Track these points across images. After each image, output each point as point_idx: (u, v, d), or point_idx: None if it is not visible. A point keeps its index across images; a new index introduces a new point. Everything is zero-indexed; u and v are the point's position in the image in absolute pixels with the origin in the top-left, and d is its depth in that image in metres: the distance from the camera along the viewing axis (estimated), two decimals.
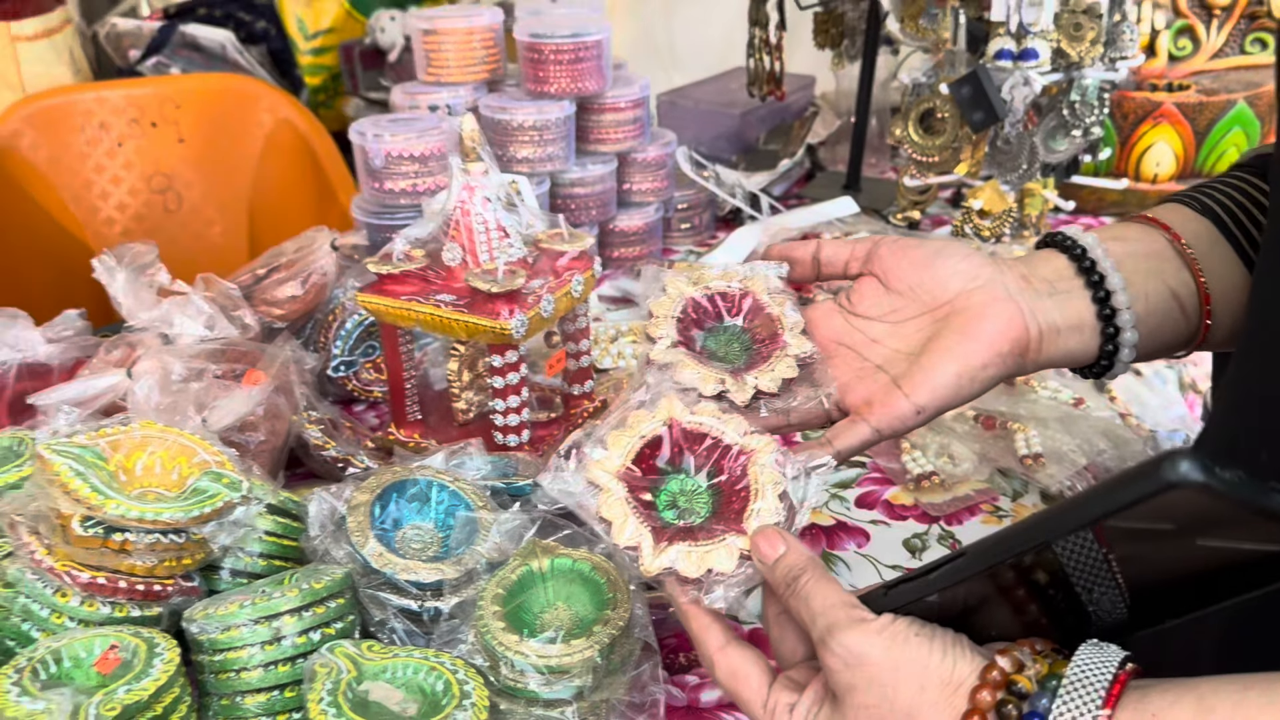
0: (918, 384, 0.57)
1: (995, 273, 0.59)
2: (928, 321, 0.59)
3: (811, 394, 0.60)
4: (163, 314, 0.82)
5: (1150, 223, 0.62)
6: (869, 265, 0.62)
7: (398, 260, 0.80)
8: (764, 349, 0.62)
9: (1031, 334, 0.57)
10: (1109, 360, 0.60)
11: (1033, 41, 1.05)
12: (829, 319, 0.63)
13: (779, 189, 1.45)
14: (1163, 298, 0.59)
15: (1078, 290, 0.59)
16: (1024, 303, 0.58)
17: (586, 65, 1.14)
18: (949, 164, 1.15)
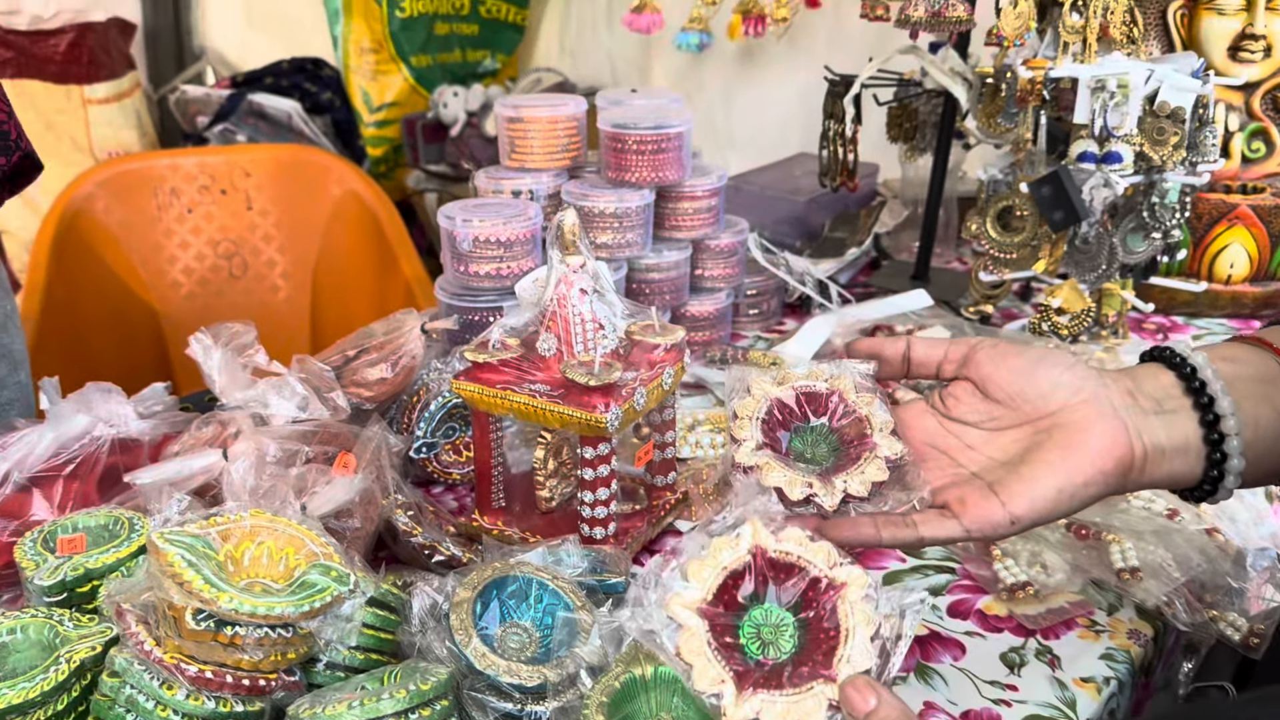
0: (1016, 494, 0.56)
1: (1100, 387, 0.58)
2: (1028, 432, 0.59)
3: (903, 498, 0.59)
4: (258, 394, 0.83)
5: (1261, 345, 0.62)
6: (965, 370, 0.62)
7: (494, 349, 0.81)
8: (853, 450, 0.62)
9: (1136, 453, 0.57)
10: (1213, 485, 0.59)
11: (1116, 145, 1.06)
12: (921, 420, 0.63)
13: (845, 276, 1.46)
14: (1273, 425, 0.58)
15: (1185, 411, 0.58)
16: (1129, 420, 0.57)
17: (667, 156, 1.15)
18: (1027, 261, 1.15)
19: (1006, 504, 0.56)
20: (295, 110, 2.52)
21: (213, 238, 1.93)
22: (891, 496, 0.60)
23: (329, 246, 1.97)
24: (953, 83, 1.19)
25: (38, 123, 2.90)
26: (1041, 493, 0.56)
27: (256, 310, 1.98)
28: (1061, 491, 0.56)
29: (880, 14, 1.17)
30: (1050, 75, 1.09)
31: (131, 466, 0.82)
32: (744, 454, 0.60)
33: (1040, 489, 0.56)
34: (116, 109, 2.91)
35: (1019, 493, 0.56)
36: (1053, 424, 0.58)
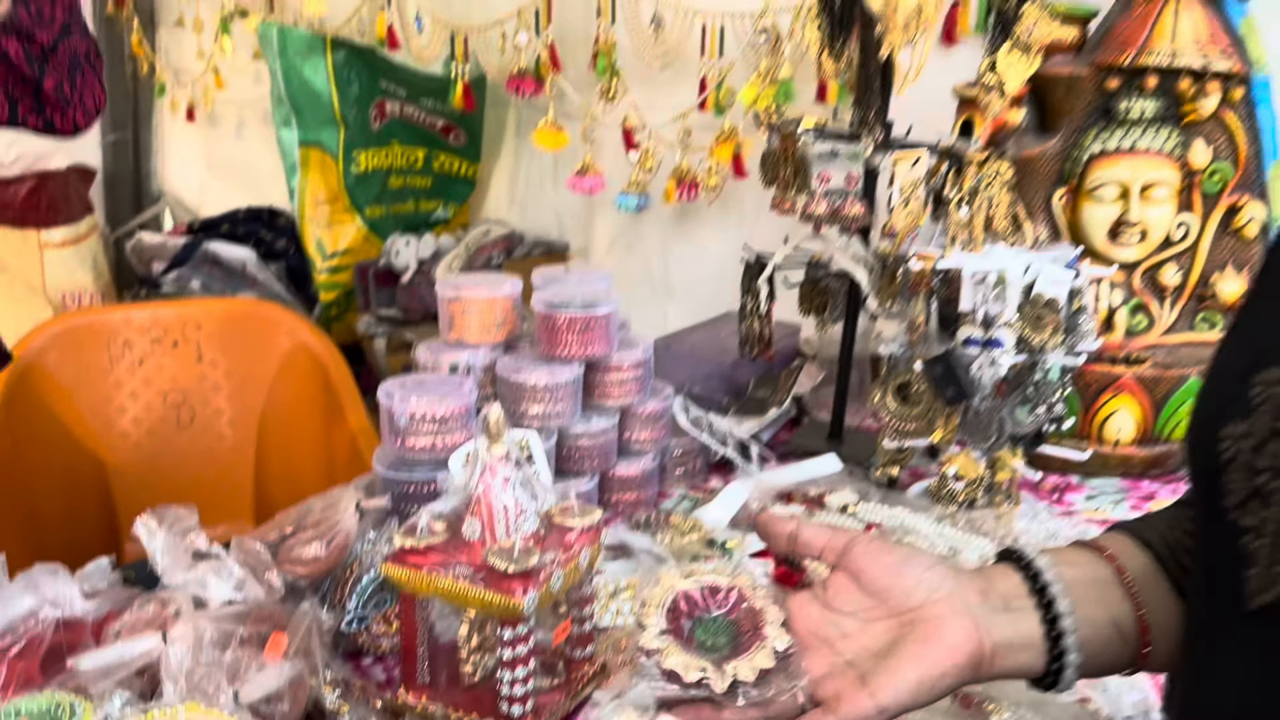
0: (882, 685, 0.63)
1: (956, 586, 0.66)
2: (895, 625, 0.66)
3: (786, 686, 0.66)
4: (198, 576, 0.88)
5: (1099, 552, 0.70)
6: (844, 562, 0.69)
7: (422, 534, 0.87)
8: (746, 640, 0.69)
9: (985, 649, 0.64)
10: (1054, 677, 0.66)
11: (998, 331, 1.17)
12: (806, 609, 0.70)
13: (767, 435, 1.55)
14: (1105, 624, 0.66)
15: (1030, 610, 0.66)
16: (980, 618, 0.64)
17: (596, 333, 1.25)
18: (925, 431, 1.25)
19: (874, 695, 0.63)
20: (249, 259, 2.61)
21: (162, 388, 1.98)
22: (776, 684, 0.66)
23: (276, 396, 2.02)
24: (855, 267, 1.31)
25: None
26: (904, 684, 0.63)
27: (202, 457, 2.02)
28: (921, 683, 0.63)
29: (788, 208, 1.29)
30: (938, 267, 1.20)
31: (75, 644, 0.87)
32: (647, 638, 0.67)
33: (902, 681, 0.63)
34: (73, 252, 2.99)
35: (884, 684, 0.63)
36: (914, 618, 0.65)
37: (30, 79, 1.01)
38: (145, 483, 1.94)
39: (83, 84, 1.07)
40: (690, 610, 0.71)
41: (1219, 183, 1.45)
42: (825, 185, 1.26)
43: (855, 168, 1.25)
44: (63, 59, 1.03)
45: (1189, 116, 1.43)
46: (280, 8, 2.84)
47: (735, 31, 2.05)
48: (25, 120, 1.06)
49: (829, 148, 1.24)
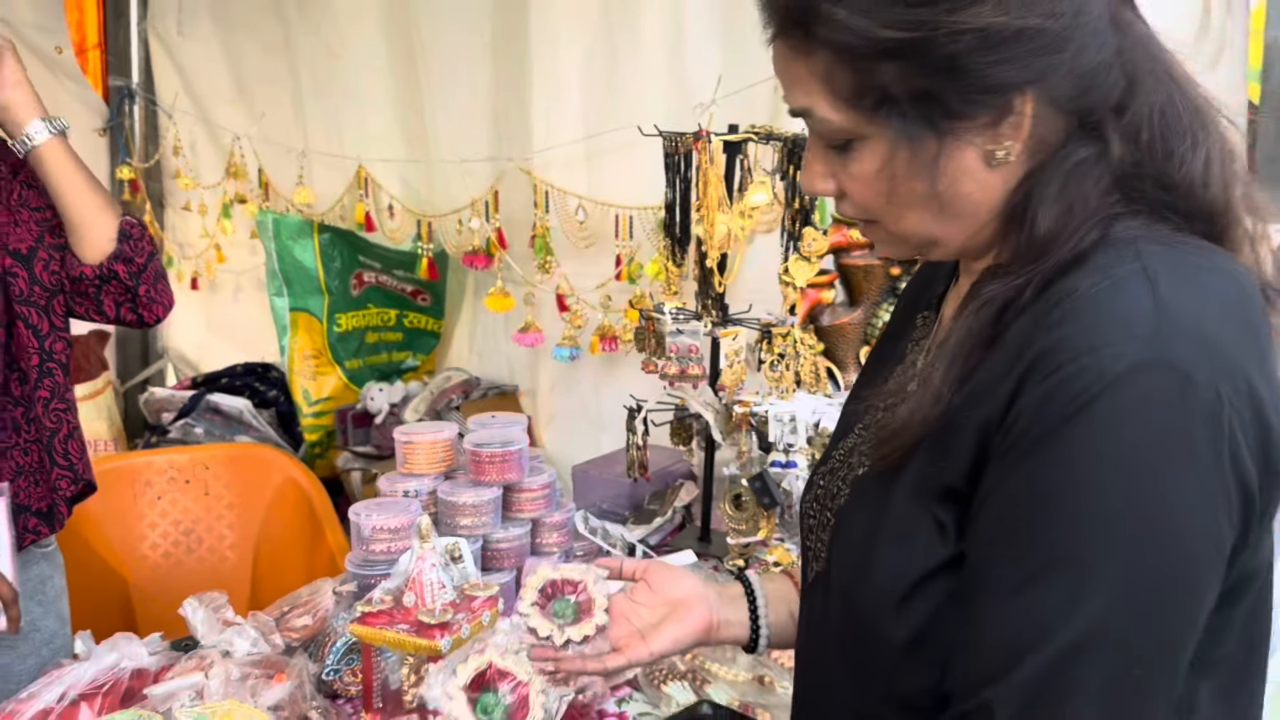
0: (654, 639, 1.04)
1: (703, 588, 1.10)
2: (665, 609, 1.08)
3: (600, 645, 1.09)
4: (226, 638, 1.31)
5: (789, 576, 1.15)
6: (644, 575, 1.13)
7: (376, 603, 1.31)
8: (583, 615, 1.12)
9: (715, 623, 1.06)
10: (754, 645, 1.10)
11: (795, 455, 1.64)
12: (620, 601, 1.13)
13: (656, 538, 1.99)
14: (784, 615, 1.09)
15: (743, 604, 1.10)
16: (714, 605, 1.08)
17: (510, 463, 1.71)
18: (753, 530, 1.70)
19: (649, 644, 1.05)
20: (246, 408, 3.07)
21: (176, 519, 2.41)
22: (593, 644, 1.10)
23: (269, 523, 2.46)
24: (704, 410, 1.79)
25: None
26: (666, 638, 1.04)
27: (208, 575, 2.43)
28: (675, 638, 1.04)
29: (652, 369, 1.77)
30: (754, 410, 1.68)
31: (142, 686, 1.29)
32: (522, 606, 1.10)
33: (665, 637, 1.04)
34: (91, 405, 3.44)
35: (655, 638, 1.05)
36: (677, 604, 1.08)
37: (131, 288, 1.50)
38: (160, 597, 2.35)
39: (162, 289, 1.57)
40: (553, 592, 1.14)
41: None
42: (675, 353, 1.74)
43: (696, 341, 1.74)
44: (149, 275, 1.53)
45: None
46: (274, 195, 3.39)
47: (641, 220, 2.58)
48: (124, 318, 1.55)
49: (675, 326, 1.73)
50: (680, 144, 1.71)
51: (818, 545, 0.90)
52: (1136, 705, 0.65)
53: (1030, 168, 0.74)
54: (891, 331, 1.00)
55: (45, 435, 1.53)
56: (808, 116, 0.75)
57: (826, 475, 0.92)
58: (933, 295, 0.92)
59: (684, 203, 1.74)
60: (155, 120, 3.88)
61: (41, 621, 1.53)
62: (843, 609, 0.82)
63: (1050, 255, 0.71)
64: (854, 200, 0.78)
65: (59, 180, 1.47)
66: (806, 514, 0.95)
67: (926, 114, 0.71)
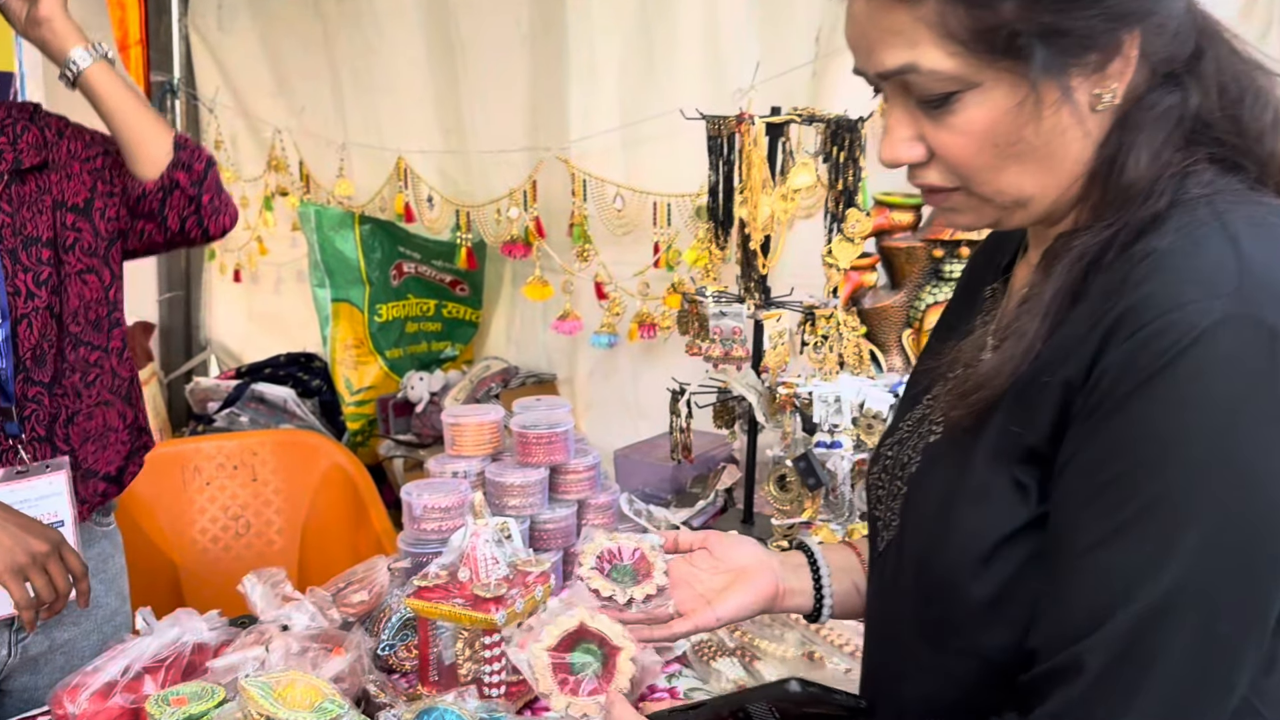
0: (720, 604, 1.06)
1: (767, 556, 1.11)
2: (729, 576, 1.09)
3: (661, 602, 1.10)
4: (286, 612, 1.34)
5: (850, 547, 1.16)
6: (703, 543, 1.14)
7: (432, 578, 1.34)
8: (642, 578, 1.13)
9: (780, 590, 1.07)
10: (818, 613, 1.11)
11: (840, 435, 1.65)
12: (679, 566, 1.15)
13: (698, 521, 2.01)
14: (848, 585, 1.11)
15: (807, 574, 1.11)
16: (779, 573, 1.09)
17: (557, 445, 1.73)
18: (798, 511, 1.71)
19: (714, 609, 1.06)
20: (290, 396, 3.11)
21: (225, 504, 2.46)
22: (655, 602, 1.11)
23: (316, 508, 2.50)
24: (748, 392, 1.80)
25: None
26: (731, 604, 1.06)
27: (255, 560, 2.48)
28: (741, 605, 1.06)
29: (696, 352, 1.79)
30: (798, 392, 1.69)
31: (203, 660, 1.32)
32: (582, 570, 1.12)
33: (731, 603, 1.06)
34: None
35: (721, 604, 1.06)
36: (741, 572, 1.09)
37: (194, 197, 1.54)
38: (210, 580, 2.40)
39: (225, 199, 1.60)
40: (610, 558, 1.16)
41: None
42: (719, 336, 1.76)
43: (739, 323, 1.75)
44: (211, 182, 1.57)
45: None
46: (314, 188, 3.44)
47: (679, 206, 2.59)
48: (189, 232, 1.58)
49: (719, 309, 1.74)
50: (723, 127, 1.72)
51: (888, 514, 0.91)
52: (1224, 658, 0.66)
53: (1118, 117, 0.74)
54: (956, 308, 1.00)
55: (123, 386, 1.57)
56: (903, 74, 0.73)
57: (895, 446, 0.93)
58: (999, 268, 0.92)
59: (727, 186, 1.74)
60: (197, 115, 3.93)
61: (104, 599, 1.57)
62: (918, 573, 0.82)
63: (1136, 206, 0.71)
64: (949, 160, 0.76)
65: (110, 102, 1.51)
66: (874, 485, 0.96)
67: (1048, 53, 0.69)
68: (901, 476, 0.89)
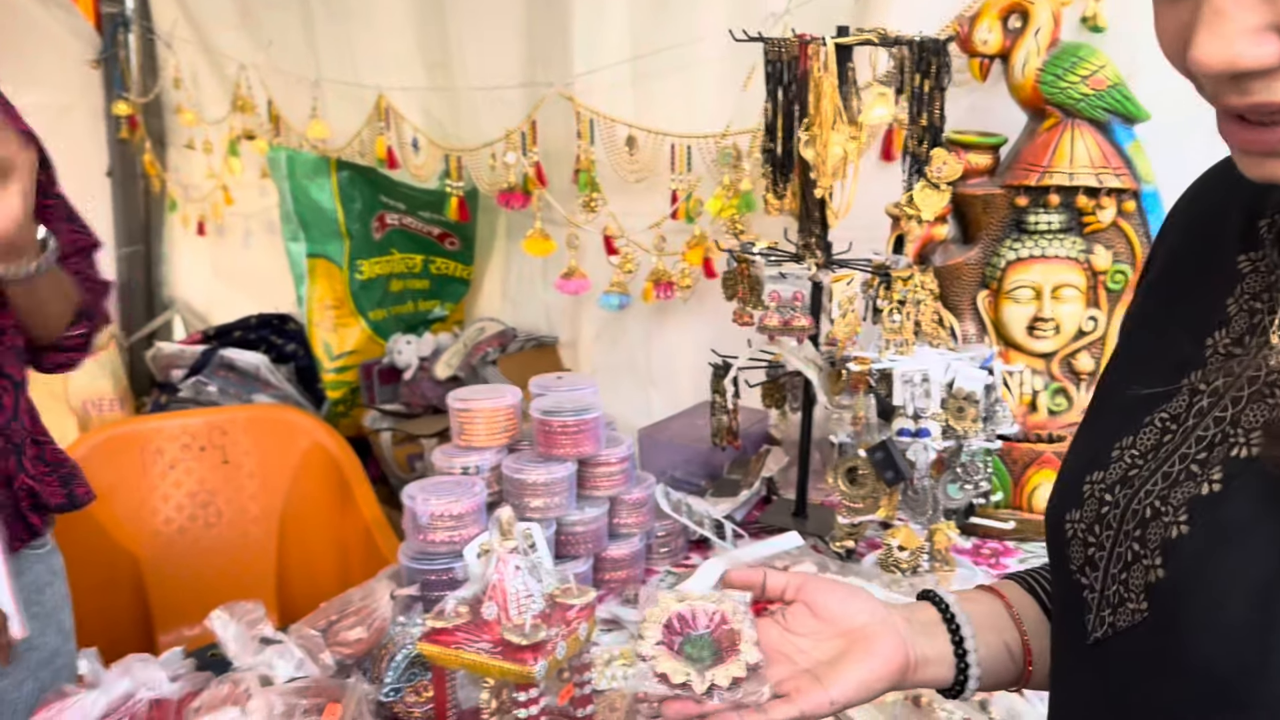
0: (833, 683, 0.80)
1: (888, 614, 0.84)
2: (841, 642, 0.83)
3: (754, 689, 0.84)
4: (266, 658, 1.07)
5: (994, 593, 0.90)
6: (800, 595, 0.87)
7: (449, 617, 1.07)
8: (725, 654, 0.87)
9: (911, 661, 0.82)
10: (960, 687, 0.85)
11: (926, 422, 1.38)
12: (768, 631, 0.88)
13: (740, 514, 1.75)
14: (998, 647, 0.86)
15: (943, 634, 0.85)
16: (907, 638, 0.83)
17: (586, 435, 1.45)
18: (871, 508, 1.45)
19: (828, 690, 0.80)
20: (263, 363, 2.81)
21: (191, 489, 2.17)
22: (744, 689, 0.84)
23: (296, 492, 2.22)
24: (806, 368, 1.53)
25: None
26: (850, 683, 0.80)
27: (228, 551, 2.20)
28: (863, 684, 0.80)
29: (747, 320, 1.51)
30: (874, 368, 1.42)
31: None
32: (645, 647, 0.84)
33: (849, 681, 0.80)
34: (93, 362, 3.18)
35: (835, 683, 0.80)
36: (857, 636, 0.83)
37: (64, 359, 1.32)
38: (175, 576, 2.12)
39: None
40: (681, 627, 0.89)
41: (1121, 282, 1.68)
42: (776, 302, 1.48)
43: (800, 287, 1.47)
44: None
45: (1090, 226, 1.66)
46: (285, 130, 3.10)
47: (701, 150, 2.30)
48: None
49: (777, 270, 1.46)
50: (785, 50, 1.42)
51: (1115, 586, 0.65)
52: None
53: None
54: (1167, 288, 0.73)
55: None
56: None
57: (1118, 489, 0.66)
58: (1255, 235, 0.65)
59: (787, 123, 1.46)
60: (153, 50, 3.56)
61: (39, 639, 1.29)
62: (1210, 694, 0.56)
63: None
64: None
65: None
66: (1082, 538, 0.69)
67: None
68: (1141, 538, 0.63)
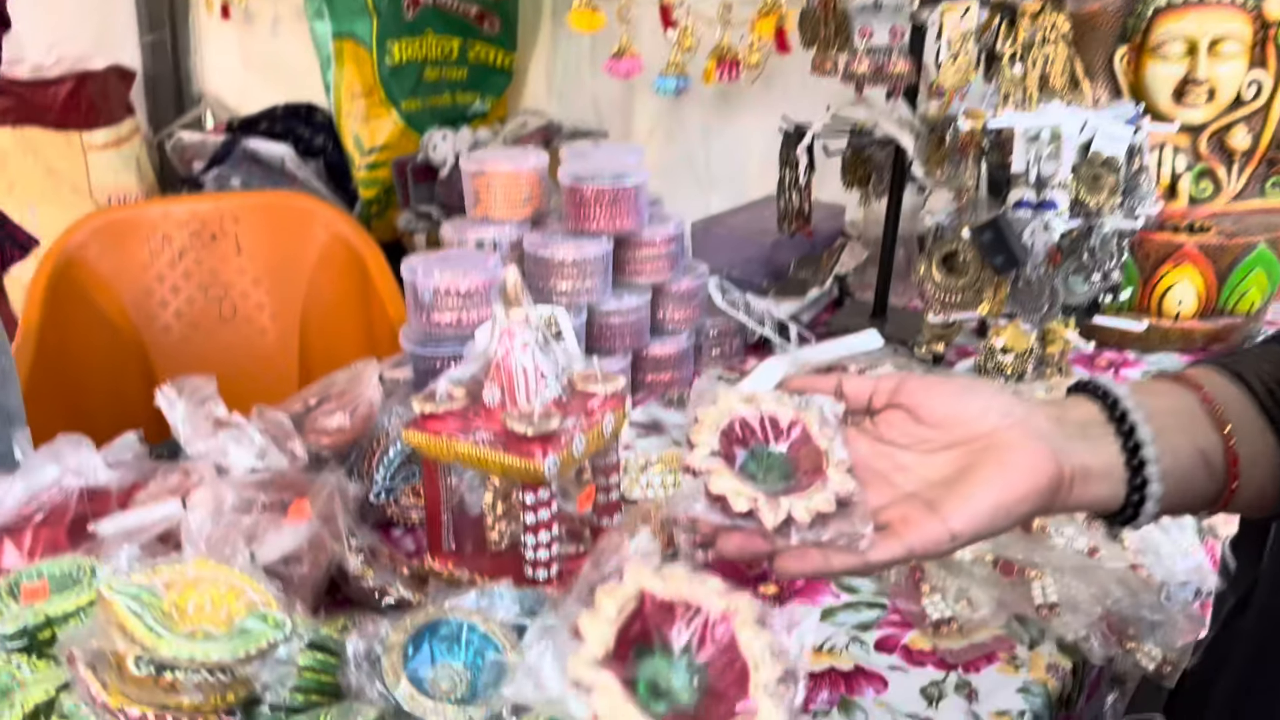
0: (954, 511, 0.58)
1: (1027, 412, 0.60)
2: (962, 453, 0.60)
3: (846, 530, 0.58)
4: (219, 444, 0.87)
5: (1182, 382, 0.64)
6: (897, 398, 0.63)
7: (441, 400, 0.85)
8: (804, 480, 0.61)
9: (1065, 474, 0.58)
10: (1134, 510, 0.61)
11: (1052, 192, 1.10)
12: (855, 444, 0.63)
13: (807, 316, 1.50)
14: (1190, 455, 0.60)
15: (1108, 437, 0.60)
16: (1056, 444, 0.59)
17: (624, 206, 1.20)
18: (972, 303, 1.19)
19: (947, 520, 0.58)
20: (288, 154, 2.58)
21: (203, 281, 1.98)
22: (833, 528, 0.60)
23: (316, 290, 2.02)
24: (900, 132, 1.24)
25: (38, 169, 2.97)
26: (979, 509, 0.58)
27: (246, 351, 2.03)
28: (998, 508, 0.58)
29: (829, 69, 1.22)
30: (989, 125, 1.13)
31: (100, 514, 0.86)
32: (697, 457, 0.60)
33: (978, 505, 0.58)
34: (116, 154, 2.98)
35: (957, 510, 0.58)
36: (986, 444, 0.59)
37: None
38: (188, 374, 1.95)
39: None
40: (745, 438, 0.63)
41: None
42: (868, 41, 1.18)
43: (900, 21, 1.17)
44: None
45: None
46: None
47: None
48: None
49: (871, 0, 1.16)
50: None
51: None
52: None
53: None
54: None
55: None
56: None
57: None
58: None
59: None
60: None
61: None
62: None
63: None
64: None
65: None
66: None
67: None
68: None
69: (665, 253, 1.27)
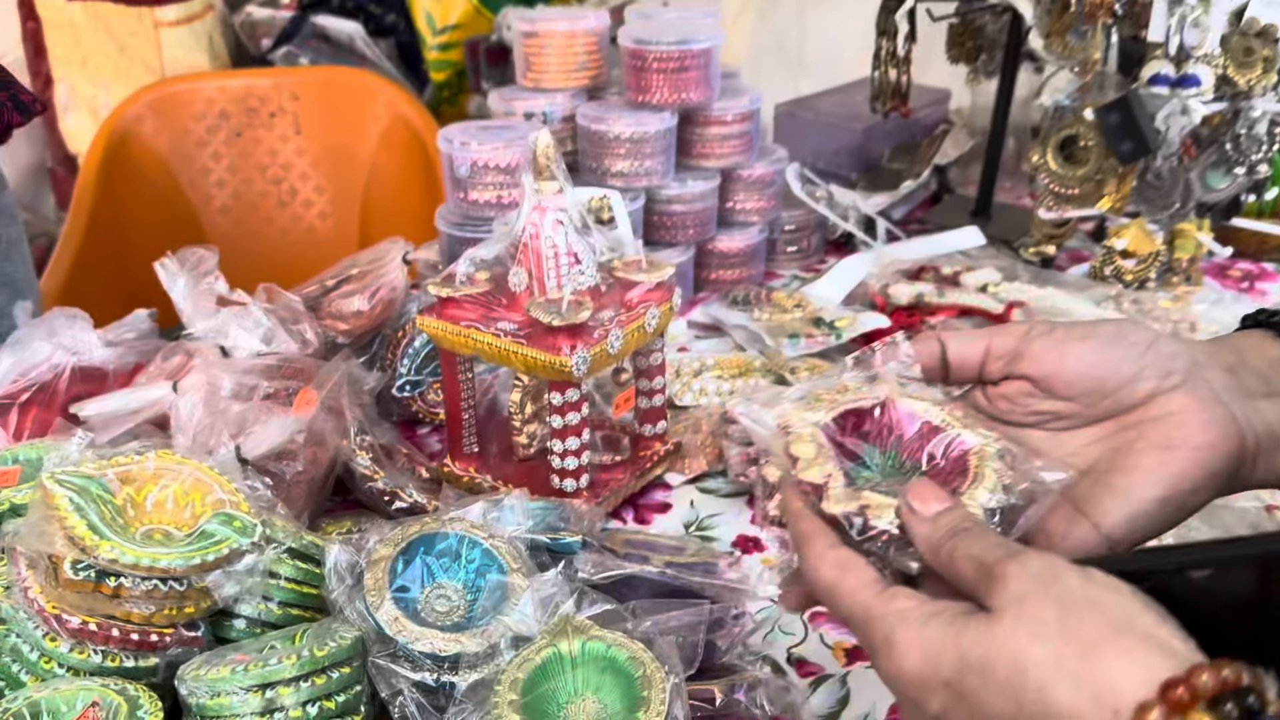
0: (1109, 511, 0.45)
1: (1194, 366, 0.46)
2: (1109, 430, 0.47)
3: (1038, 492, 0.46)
4: (219, 324, 0.78)
5: None
6: (1019, 366, 0.49)
7: (460, 283, 0.75)
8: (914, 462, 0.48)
9: (1248, 446, 0.45)
10: None
11: (1195, 66, 0.93)
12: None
13: (900, 212, 1.35)
14: None
15: None
16: (1235, 405, 0.45)
17: (692, 75, 1.06)
18: (1091, 198, 1.03)
19: (1100, 524, 0.45)
20: (357, 33, 2.47)
21: (260, 162, 1.91)
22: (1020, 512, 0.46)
23: (377, 173, 1.92)
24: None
25: (110, 45, 2.91)
26: (1141, 507, 0.45)
27: (303, 237, 1.96)
28: (1166, 502, 0.45)
29: None
30: None
31: (96, 395, 0.79)
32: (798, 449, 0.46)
33: (1139, 503, 0.45)
34: (187, 31, 2.90)
35: (1112, 509, 0.45)
36: (1142, 419, 0.46)
37: None
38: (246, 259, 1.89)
39: None
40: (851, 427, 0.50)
41: None
42: None
43: None
44: None
45: None
46: None
47: None
48: None
49: None
50: None
51: None
52: None
53: None
54: None
55: None
56: None
57: None
58: None
59: None
60: None
61: None
62: None
63: None
64: None
65: None
66: None
67: None
68: None
69: (739, 132, 1.13)
